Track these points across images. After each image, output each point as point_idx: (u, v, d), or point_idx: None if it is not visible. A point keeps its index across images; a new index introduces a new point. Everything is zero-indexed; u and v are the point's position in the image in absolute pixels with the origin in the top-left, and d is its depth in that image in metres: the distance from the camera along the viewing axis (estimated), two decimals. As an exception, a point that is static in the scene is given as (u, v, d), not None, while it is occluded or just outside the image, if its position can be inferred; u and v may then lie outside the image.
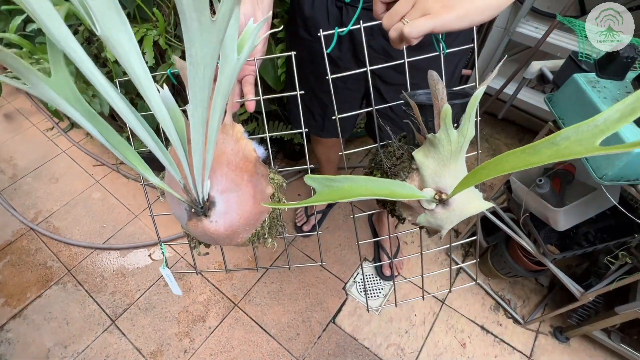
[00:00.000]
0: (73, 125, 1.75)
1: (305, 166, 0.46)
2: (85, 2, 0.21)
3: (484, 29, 1.50)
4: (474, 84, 0.44)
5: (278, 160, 1.59)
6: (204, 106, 0.28)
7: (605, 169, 0.62)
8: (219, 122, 0.30)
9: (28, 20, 0.87)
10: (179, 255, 1.32)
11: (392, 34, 0.36)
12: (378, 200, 0.45)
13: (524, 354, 1.11)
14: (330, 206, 1.42)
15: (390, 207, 0.43)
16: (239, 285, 1.25)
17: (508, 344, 1.13)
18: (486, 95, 1.59)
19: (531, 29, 1.29)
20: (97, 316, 1.18)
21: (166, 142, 0.31)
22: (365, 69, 0.46)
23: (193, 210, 0.32)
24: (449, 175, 0.35)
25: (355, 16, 0.64)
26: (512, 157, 0.23)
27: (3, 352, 1.11)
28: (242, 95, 0.47)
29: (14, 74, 0.23)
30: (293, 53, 0.46)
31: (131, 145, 0.30)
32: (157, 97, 0.27)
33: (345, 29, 0.47)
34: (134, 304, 1.20)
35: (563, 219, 0.84)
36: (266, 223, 0.37)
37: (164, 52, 0.94)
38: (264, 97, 0.44)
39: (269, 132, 0.47)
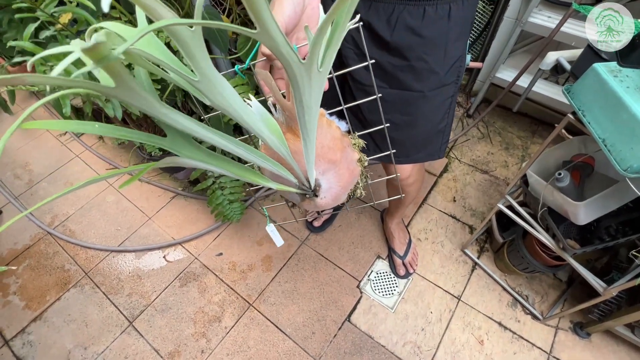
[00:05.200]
0: (85, 129, 1.77)
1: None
2: (187, 57, 0.24)
3: (494, 20, 1.47)
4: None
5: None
6: (313, 133, 0.33)
7: (630, 160, 0.60)
8: (315, 129, 0.35)
9: (40, 27, 0.88)
10: (193, 256, 1.33)
11: None
12: None
13: (544, 350, 1.09)
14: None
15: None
16: (253, 285, 1.25)
17: (527, 341, 1.11)
18: (498, 87, 1.56)
19: (544, 19, 1.26)
20: (115, 318, 1.20)
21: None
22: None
23: (307, 195, 0.39)
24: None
25: None
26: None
27: (25, 354, 1.14)
28: None
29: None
30: (359, 22, 0.38)
31: (252, 168, 0.37)
32: (255, 118, 0.31)
33: None
34: (150, 305, 1.22)
35: (583, 213, 0.82)
36: (359, 184, 0.45)
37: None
38: (336, 73, 0.45)
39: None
